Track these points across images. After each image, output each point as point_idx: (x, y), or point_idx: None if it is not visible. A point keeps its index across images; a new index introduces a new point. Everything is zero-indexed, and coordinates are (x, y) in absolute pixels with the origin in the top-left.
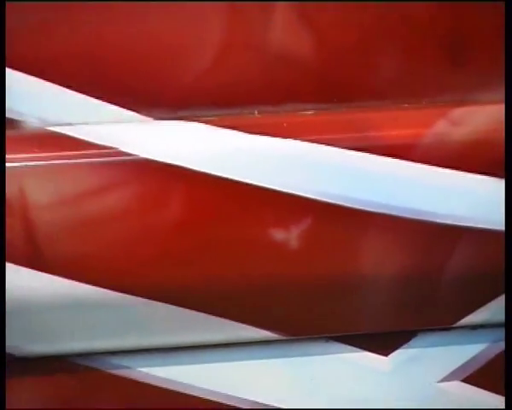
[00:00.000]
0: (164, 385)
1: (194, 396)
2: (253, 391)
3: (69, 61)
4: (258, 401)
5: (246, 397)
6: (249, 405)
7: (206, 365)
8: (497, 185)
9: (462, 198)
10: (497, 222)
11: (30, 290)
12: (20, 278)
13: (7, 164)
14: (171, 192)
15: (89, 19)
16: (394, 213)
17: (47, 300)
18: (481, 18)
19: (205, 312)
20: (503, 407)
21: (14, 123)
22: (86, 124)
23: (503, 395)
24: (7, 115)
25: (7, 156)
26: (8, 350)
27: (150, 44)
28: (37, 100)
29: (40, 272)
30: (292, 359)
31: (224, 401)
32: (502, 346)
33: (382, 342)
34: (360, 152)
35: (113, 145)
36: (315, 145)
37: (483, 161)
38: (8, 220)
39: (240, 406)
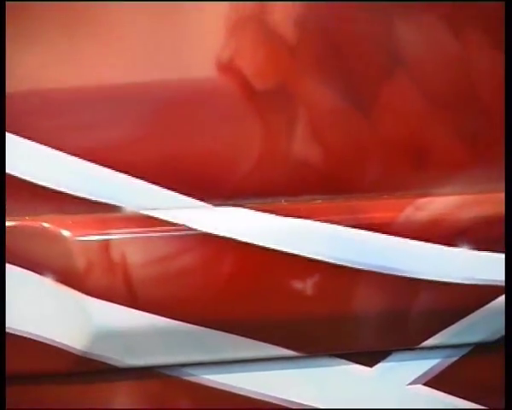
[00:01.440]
0: (222, 388)
1: (243, 396)
2: (282, 391)
3: (154, 165)
4: (283, 397)
5: (277, 396)
6: (280, 401)
7: (250, 373)
8: (448, 252)
9: (424, 260)
10: (448, 276)
11: (128, 322)
12: (121, 314)
13: (114, 236)
14: (224, 255)
15: (167, 134)
16: (377, 269)
17: (140, 328)
18: (437, 132)
19: (248, 337)
20: (454, 403)
21: (117, 208)
22: (166, 209)
23: (450, 394)
24: (111, 202)
25: (113, 231)
26: (111, 362)
27: (208, 157)
28: (132, 192)
29: (135, 310)
30: (307, 369)
31: (264, 399)
32: (451, 360)
33: (368, 357)
34: (353, 228)
35: (184, 223)
36: (322, 223)
37: (438, 235)
38: (114, 275)
39: (274, 402)
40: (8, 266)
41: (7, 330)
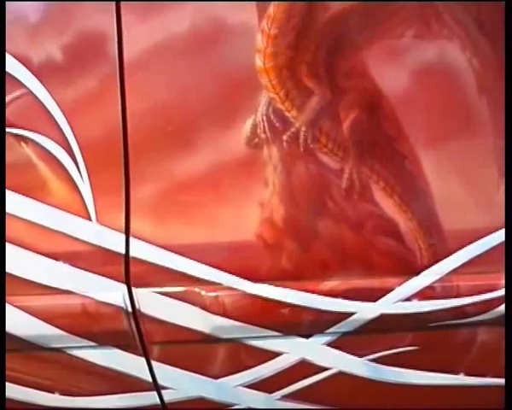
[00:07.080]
0: (259, 346)
1: (267, 350)
2: (280, 348)
3: (228, 268)
4: (280, 350)
5: (278, 349)
6: (280, 351)
7: (268, 340)
8: (316, 298)
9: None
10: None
11: (222, 322)
12: (220, 320)
13: (219, 293)
14: (257, 301)
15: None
16: (309, 306)
17: (226, 324)
18: (333, 257)
19: (268, 328)
20: (338, 353)
21: (218, 283)
22: (233, 283)
23: (336, 348)
24: (214, 280)
25: (219, 291)
26: (216, 335)
27: (249, 268)
28: (223, 277)
29: (225, 318)
30: (286, 340)
31: (274, 350)
32: (336, 337)
33: (307, 335)
34: (302, 292)
35: (242, 289)
36: (290, 290)
37: (332, 295)
38: (218, 306)
39: (276, 351)
40: (180, 302)
41: (174, 321)
